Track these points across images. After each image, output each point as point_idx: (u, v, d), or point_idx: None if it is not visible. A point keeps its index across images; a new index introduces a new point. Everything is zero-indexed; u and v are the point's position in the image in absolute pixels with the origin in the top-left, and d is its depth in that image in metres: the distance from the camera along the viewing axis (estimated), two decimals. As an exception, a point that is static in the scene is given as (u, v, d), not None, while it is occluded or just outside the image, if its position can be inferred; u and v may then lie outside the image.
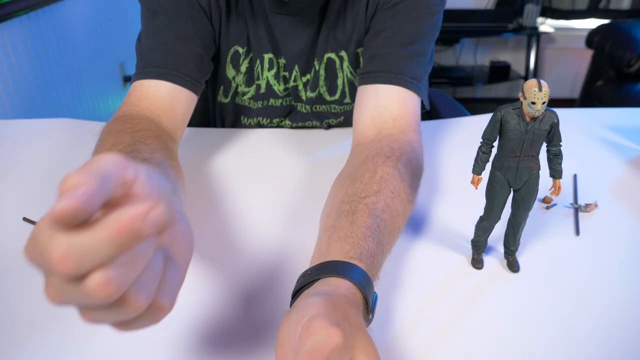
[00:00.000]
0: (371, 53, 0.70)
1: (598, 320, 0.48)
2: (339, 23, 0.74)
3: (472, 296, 0.51)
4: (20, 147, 0.83)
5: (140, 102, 0.65)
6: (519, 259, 0.56)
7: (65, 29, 1.79)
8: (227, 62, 0.78)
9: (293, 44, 0.76)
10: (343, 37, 0.75)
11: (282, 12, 0.71)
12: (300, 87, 0.81)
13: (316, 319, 0.31)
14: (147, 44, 0.69)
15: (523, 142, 0.46)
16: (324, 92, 0.81)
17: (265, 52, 0.77)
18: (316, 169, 0.76)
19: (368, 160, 0.58)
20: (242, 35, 0.75)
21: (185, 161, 0.67)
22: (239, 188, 0.71)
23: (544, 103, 0.43)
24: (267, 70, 0.79)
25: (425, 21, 0.69)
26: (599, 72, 2.30)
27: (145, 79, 0.67)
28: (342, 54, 0.77)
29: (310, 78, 0.80)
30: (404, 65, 0.68)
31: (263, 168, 0.77)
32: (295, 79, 0.80)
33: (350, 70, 0.79)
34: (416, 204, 0.59)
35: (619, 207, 0.66)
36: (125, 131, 0.57)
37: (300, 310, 0.35)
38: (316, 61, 0.78)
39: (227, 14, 0.73)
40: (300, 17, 0.73)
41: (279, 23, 0.74)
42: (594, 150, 0.81)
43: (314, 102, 0.82)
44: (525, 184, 0.50)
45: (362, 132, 0.68)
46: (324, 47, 0.76)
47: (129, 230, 0.25)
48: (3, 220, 0.64)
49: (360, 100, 0.70)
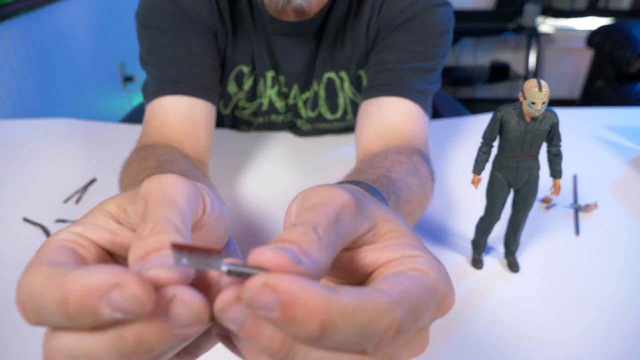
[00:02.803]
0: (375, 69, 0.68)
1: (598, 320, 0.48)
2: (337, 44, 0.73)
3: (472, 296, 0.51)
4: (20, 147, 0.83)
5: (161, 130, 0.62)
6: (519, 259, 0.56)
7: (65, 29, 1.79)
8: (230, 80, 0.76)
9: (292, 63, 0.75)
10: (342, 58, 0.74)
11: (278, 32, 0.71)
12: (300, 105, 0.80)
13: (320, 185, 0.26)
14: (157, 62, 0.66)
15: (523, 142, 0.46)
16: (325, 111, 0.80)
17: (268, 69, 0.76)
18: (317, 174, 0.76)
19: (376, 156, 0.55)
20: (247, 54, 0.74)
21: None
22: (238, 189, 0.71)
23: (544, 103, 0.43)
24: (270, 88, 0.78)
25: (432, 41, 0.67)
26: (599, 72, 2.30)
27: (164, 96, 0.64)
28: (342, 75, 0.75)
29: (309, 97, 0.79)
30: (410, 80, 0.65)
31: (262, 170, 0.77)
32: (295, 97, 0.79)
33: (352, 91, 0.77)
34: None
35: (619, 207, 0.66)
36: (149, 156, 0.54)
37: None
38: (315, 81, 0.77)
39: (233, 33, 0.71)
40: (297, 38, 0.72)
41: (278, 42, 0.73)
42: (594, 150, 0.81)
43: (314, 121, 0.82)
44: (525, 184, 0.50)
45: (367, 146, 0.62)
46: (323, 67, 0.75)
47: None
48: (3, 220, 0.64)
49: (363, 114, 0.66)
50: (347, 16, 0.71)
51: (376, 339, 0.19)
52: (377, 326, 0.19)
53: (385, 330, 0.19)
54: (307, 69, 0.76)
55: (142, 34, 0.68)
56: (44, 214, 0.65)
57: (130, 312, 0.18)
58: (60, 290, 0.19)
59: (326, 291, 0.18)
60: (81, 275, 0.18)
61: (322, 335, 0.18)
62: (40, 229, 0.62)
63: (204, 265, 0.19)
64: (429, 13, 0.66)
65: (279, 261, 0.19)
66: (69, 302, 0.18)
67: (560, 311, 0.49)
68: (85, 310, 0.18)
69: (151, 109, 0.65)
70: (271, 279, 0.18)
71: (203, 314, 0.19)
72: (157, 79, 0.65)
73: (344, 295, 0.18)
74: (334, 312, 0.18)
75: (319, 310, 0.18)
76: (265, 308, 0.18)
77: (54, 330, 0.20)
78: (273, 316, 0.18)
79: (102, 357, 0.19)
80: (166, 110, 0.63)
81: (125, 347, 0.19)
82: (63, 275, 0.19)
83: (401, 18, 0.66)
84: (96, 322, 0.18)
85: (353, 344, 0.19)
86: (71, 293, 0.18)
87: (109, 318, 0.18)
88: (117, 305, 0.18)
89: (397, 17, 0.67)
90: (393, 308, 0.19)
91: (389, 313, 0.19)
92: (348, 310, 0.18)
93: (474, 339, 0.46)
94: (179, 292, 0.19)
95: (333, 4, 0.69)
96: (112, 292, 0.18)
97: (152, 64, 0.66)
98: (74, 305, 0.18)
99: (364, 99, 0.68)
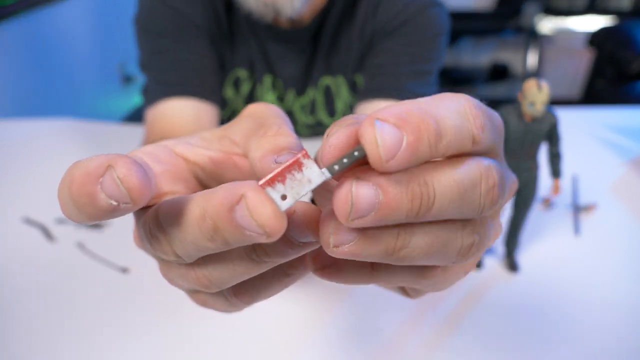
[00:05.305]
0: (371, 73, 0.68)
1: (598, 320, 0.48)
2: (332, 49, 0.73)
3: (472, 296, 0.51)
4: (20, 147, 0.83)
5: (166, 132, 0.62)
6: (519, 259, 0.56)
7: (65, 29, 1.79)
8: (228, 84, 0.76)
9: (287, 68, 0.75)
10: (338, 62, 0.74)
11: (274, 39, 0.71)
12: (295, 110, 0.80)
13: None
14: (160, 67, 0.66)
15: (523, 142, 0.47)
16: (324, 117, 0.79)
17: (265, 73, 0.76)
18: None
19: None
20: (245, 59, 0.74)
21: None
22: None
23: (543, 103, 0.43)
24: (268, 93, 0.78)
25: (427, 44, 0.67)
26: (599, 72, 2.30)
27: (169, 99, 0.64)
28: (339, 80, 0.75)
29: (307, 103, 0.79)
30: (407, 83, 0.66)
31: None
32: (291, 102, 0.79)
33: (350, 95, 0.77)
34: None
35: (619, 207, 0.66)
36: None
37: None
38: (311, 87, 0.76)
39: (230, 38, 0.71)
40: (292, 44, 0.72)
41: (273, 48, 0.73)
42: (594, 150, 0.81)
43: (312, 127, 0.81)
44: (525, 184, 0.50)
45: None
46: (319, 73, 0.75)
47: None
48: (3, 220, 0.64)
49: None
50: (341, 21, 0.71)
51: (482, 199, 0.18)
52: (481, 185, 0.18)
53: (490, 188, 0.18)
54: (303, 74, 0.76)
55: (142, 39, 0.68)
56: (44, 214, 0.65)
57: (121, 199, 0.17)
58: (69, 175, 0.17)
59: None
60: (86, 160, 0.17)
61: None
62: (40, 229, 0.62)
63: (305, 186, 0.17)
64: (423, 16, 0.67)
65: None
66: (72, 188, 0.17)
67: (560, 311, 0.49)
68: (85, 196, 0.17)
69: (156, 112, 0.65)
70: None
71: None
72: (161, 83, 0.65)
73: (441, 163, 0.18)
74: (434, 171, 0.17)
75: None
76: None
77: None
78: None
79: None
80: (172, 113, 0.63)
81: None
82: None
83: (396, 22, 0.67)
84: (96, 210, 0.17)
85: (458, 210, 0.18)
86: (75, 178, 0.17)
87: (106, 205, 0.17)
88: (110, 190, 0.17)
89: (391, 20, 0.67)
90: (490, 166, 0.18)
91: (490, 170, 0.18)
92: (446, 169, 0.17)
93: (474, 339, 0.46)
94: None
95: (327, 10, 0.69)
96: (106, 174, 0.17)
97: (155, 69, 0.67)
98: (76, 191, 0.17)
99: (359, 102, 0.68)
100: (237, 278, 0.20)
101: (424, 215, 0.17)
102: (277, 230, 0.16)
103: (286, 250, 0.19)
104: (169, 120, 0.63)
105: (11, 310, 0.49)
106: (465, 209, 0.18)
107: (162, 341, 0.46)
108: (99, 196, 0.17)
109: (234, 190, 0.17)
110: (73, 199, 0.17)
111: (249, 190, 0.16)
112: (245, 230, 0.16)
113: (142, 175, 0.17)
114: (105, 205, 0.17)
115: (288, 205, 0.17)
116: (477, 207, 0.18)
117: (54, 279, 0.53)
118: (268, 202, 0.16)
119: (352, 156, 0.17)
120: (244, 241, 0.17)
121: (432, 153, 0.16)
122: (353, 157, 0.17)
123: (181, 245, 0.19)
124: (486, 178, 0.18)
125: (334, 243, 0.18)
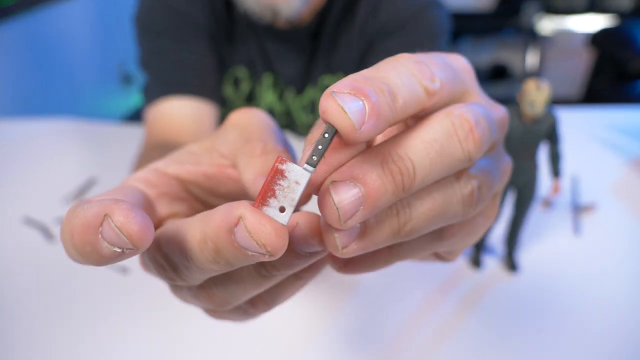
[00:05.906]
0: None
1: (598, 320, 0.48)
2: (332, 49, 0.73)
3: (472, 296, 0.51)
4: (20, 147, 0.83)
5: (167, 130, 0.62)
6: (519, 259, 0.56)
7: (65, 29, 1.79)
8: (227, 83, 0.76)
9: (287, 67, 0.75)
10: (337, 62, 0.74)
11: (271, 38, 0.71)
12: (295, 109, 0.81)
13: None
14: (160, 66, 0.66)
15: (523, 142, 0.46)
16: None
17: (265, 72, 0.76)
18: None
19: None
20: (244, 58, 0.74)
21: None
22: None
23: (543, 103, 0.43)
24: (268, 91, 0.78)
25: (428, 44, 0.67)
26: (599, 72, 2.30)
27: (169, 98, 0.64)
28: (339, 79, 0.75)
29: (305, 103, 0.79)
30: None
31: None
32: (291, 101, 0.79)
33: None
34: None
35: (619, 207, 0.66)
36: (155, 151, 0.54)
37: None
38: (310, 86, 0.76)
39: (229, 37, 0.72)
40: (292, 44, 0.72)
41: (272, 47, 0.73)
42: (594, 150, 0.81)
43: (312, 127, 0.81)
44: (525, 184, 0.50)
45: None
46: (319, 72, 0.75)
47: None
48: (3, 220, 0.64)
49: None
50: (341, 21, 0.71)
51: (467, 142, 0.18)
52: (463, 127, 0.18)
53: (468, 132, 0.18)
54: (302, 74, 0.76)
55: (142, 38, 0.68)
56: (44, 214, 0.65)
57: (123, 246, 0.16)
58: (68, 224, 0.17)
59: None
60: (84, 208, 0.17)
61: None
62: (40, 229, 0.62)
63: (296, 189, 0.17)
64: (423, 16, 0.67)
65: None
66: (74, 238, 0.17)
67: (560, 311, 0.49)
68: (87, 246, 0.17)
69: (156, 111, 0.65)
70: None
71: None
72: (161, 82, 0.66)
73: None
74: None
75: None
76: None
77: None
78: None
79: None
80: (171, 112, 0.63)
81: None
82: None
83: (396, 22, 0.67)
84: (101, 257, 0.17)
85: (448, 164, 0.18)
86: (75, 228, 0.17)
87: (110, 253, 0.17)
88: (110, 238, 0.16)
89: (392, 21, 0.67)
90: (461, 111, 0.18)
91: (462, 116, 0.18)
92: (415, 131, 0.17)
93: (474, 339, 0.46)
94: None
95: (327, 10, 0.69)
96: (104, 223, 0.16)
97: (154, 68, 0.67)
98: (78, 241, 0.17)
99: None
100: (249, 294, 0.21)
101: (412, 187, 0.17)
102: (279, 249, 0.16)
103: (294, 262, 0.19)
104: (168, 119, 0.63)
105: (11, 310, 0.49)
106: (451, 163, 0.18)
107: (162, 341, 0.46)
108: (101, 245, 0.17)
109: (231, 212, 0.17)
110: (77, 249, 0.17)
111: (245, 211, 0.16)
112: (247, 251, 0.17)
113: (140, 220, 0.17)
114: (109, 253, 0.17)
115: (289, 216, 0.17)
116: (463, 156, 0.18)
117: (54, 279, 0.53)
118: (266, 221, 0.16)
119: (324, 139, 0.16)
120: (247, 261, 0.17)
121: (394, 115, 0.16)
122: (325, 140, 0.16)
123: (186, 269, 0.19)
124: (460, 124, 0.18)
125: (341, 245, 0.18)
